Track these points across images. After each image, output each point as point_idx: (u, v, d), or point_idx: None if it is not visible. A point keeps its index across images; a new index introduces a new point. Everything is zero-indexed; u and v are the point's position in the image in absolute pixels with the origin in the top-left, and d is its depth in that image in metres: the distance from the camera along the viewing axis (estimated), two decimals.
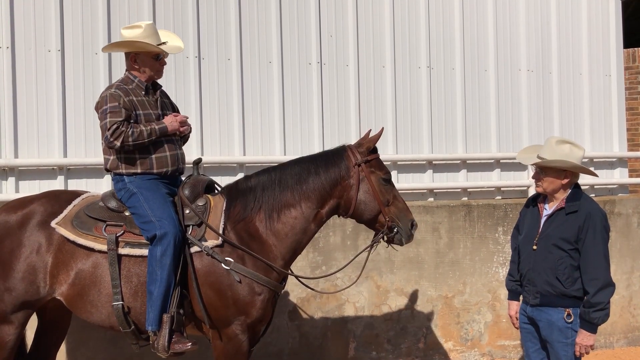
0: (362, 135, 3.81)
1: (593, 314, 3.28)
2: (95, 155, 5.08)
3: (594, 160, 6.99)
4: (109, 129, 3.50)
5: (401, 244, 3.67)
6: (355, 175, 3.60)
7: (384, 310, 5.40)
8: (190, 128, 3.86)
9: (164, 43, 3.74)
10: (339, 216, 3.79)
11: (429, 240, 5.51)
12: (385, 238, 3.67)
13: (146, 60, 3.69)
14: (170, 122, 3.66)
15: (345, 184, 3.61)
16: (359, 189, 3.60)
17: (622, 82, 7.32)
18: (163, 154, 3.66)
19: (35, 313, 3.75)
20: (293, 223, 3.59)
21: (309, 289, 4.02)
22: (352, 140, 5.97)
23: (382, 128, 3.92)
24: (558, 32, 6.96)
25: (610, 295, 3.32)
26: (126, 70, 3.77)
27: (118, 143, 3.50)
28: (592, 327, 3.32)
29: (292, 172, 3.64)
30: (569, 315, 3.37)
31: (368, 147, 3.68)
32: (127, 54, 3.74)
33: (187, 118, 3.80)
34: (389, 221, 3.61)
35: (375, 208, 3.62)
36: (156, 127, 3.60)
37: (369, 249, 3.77)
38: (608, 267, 3.35)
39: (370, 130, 3.87)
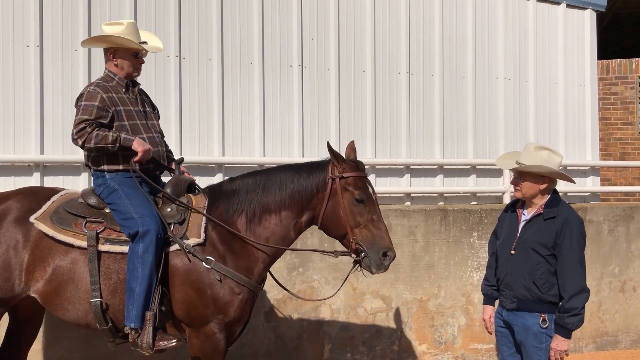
0: (347, 145, 3.75)
1: (567, 319, 3.33)
2: (73, 152, 5.03)
3: (568, 168, 7.12)
4: (75, 126, 3.52)
5: (370, 272, 3.49)
6: (328, 189, 3.55)
7: (360, 312, 5.43)
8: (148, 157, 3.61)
9: (144, 42, 3.76)
10: None
11: (405, 243, 5.56)
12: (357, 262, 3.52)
13: (125, 57, 3.70)
14: (139, 142, 3.55)
15: (320, 196, 3.58)
16: (327, 203, 3.54)
17: (595, 93, 7.49)
18: None
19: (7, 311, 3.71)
20: (273, 229, 3.59)
21: (285, 291, 4.03)
22: (331, 142, 5.99)
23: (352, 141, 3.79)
24: (535, 42, 7.10)
25: (585, 301, 3.35)
26: (105, 68, 3.76)
27: (80, 142, 3.52)
28: (566, 332, 3.36)
29: (277, 179, 3.62)
30: (544, 320, 3.40)
31: (344, 166, 3.56)
32: (105, 50, 3.75)
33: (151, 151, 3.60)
34: (354, 244, 3.49)
35: (341, 226, 3.52)
36: (123, 136, 3.53)
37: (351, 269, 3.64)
38: (583, 273, 3.39)
39: (353, 141, 3.81)
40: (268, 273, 3.79)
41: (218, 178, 5.51)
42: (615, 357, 6.10)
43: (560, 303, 3.38)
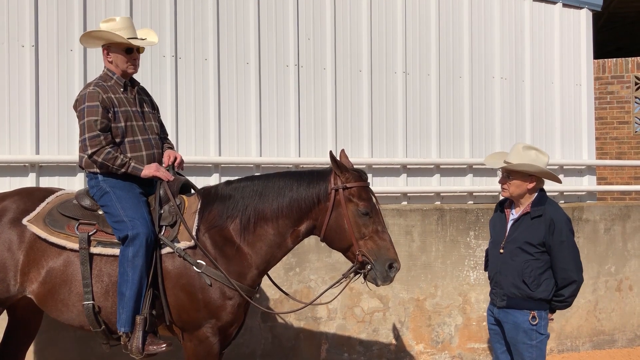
0: (339, 153, 3.67)
1: (554, 303, 3.58)
2: (69, 152, 5.03)
3: (564, 167, 7.13)
4: (88, 131, 3.46)
5: (375, 284, 3.43)
6: (331, 200, 3.47)
7: (356, 312, 5.43)
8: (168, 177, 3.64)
9: (142, 39, 3.70)
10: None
11: (402, 243, 5.56)
12: (359, 273, 3.48)
13: (117, 52, 3.65)
14: (149, 169, 3.57)
15: (322, 207, 3.49)
16: (331, 214, 3.45)
17: (592, 92, 7.50)
18: (139, 153, 3.63)
19: (5, 311, 3.70)
20: (268, 237, 3.52)
21: (281, 292, 4.00)
22: (327, 143, 6.03)
23: (342, 149, 3.72)
24: (531, 41, 7.10)
25: (572, 291, 3.52)
26: (104, 67, 3.74)
27: (90, 150, 3.48)
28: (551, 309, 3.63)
29: (275, 186, 3.54)
30: (534, 317, 3.50)
31: (347, 175, 3.48)
32: (102, 48, 3.72)
33: (172, 179, 3.63)
34: (360, 256, 3.42)
35: (345, 238, 3.44)
36: (132, 164, 3.54)
37: (339, 282, 3.58)
38: (575, 265, 3.50)
39: (343, 149, 3.72)
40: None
41: (214, 178, 5.51)
42: (612, 356, 6.11)
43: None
